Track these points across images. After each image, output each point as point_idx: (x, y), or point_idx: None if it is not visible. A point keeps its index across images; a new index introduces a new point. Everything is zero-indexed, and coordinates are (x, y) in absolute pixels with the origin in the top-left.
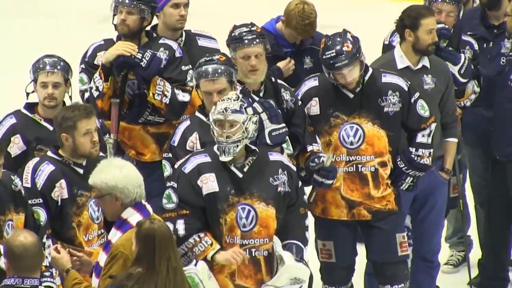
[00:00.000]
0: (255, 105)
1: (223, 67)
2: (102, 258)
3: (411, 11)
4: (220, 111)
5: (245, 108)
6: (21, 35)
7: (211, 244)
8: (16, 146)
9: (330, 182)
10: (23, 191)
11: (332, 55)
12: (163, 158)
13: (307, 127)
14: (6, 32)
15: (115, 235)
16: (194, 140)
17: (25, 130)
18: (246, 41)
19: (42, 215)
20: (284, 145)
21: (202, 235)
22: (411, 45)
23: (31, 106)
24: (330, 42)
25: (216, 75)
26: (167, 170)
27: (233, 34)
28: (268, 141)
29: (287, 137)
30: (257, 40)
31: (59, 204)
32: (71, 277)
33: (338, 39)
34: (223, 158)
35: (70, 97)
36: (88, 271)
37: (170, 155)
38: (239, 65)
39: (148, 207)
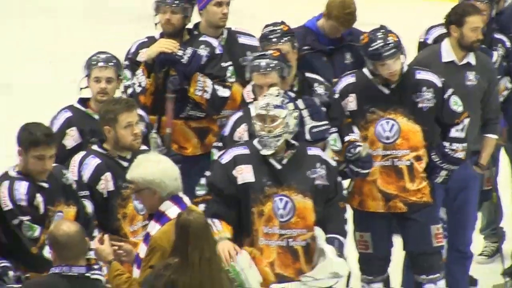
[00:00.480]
0: (298, 102)
1: (276, 62)
2: (142, 249)
3: (458, 8)
4: (263, 106)
5: (286, 104)
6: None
7: (219, 231)
8: (71, 138)
9: (365, 172)
10: (74, 185)
11: (379, 45)
12: (213, 146)
13: (344, 119)
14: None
15: (154, 228)
16: (242, 132)
17: (80, 123)
18: (273, 39)
19: (89, 207)
20: (331, 141)
21: (215, 220)
22: (456, 40)
23: (83, 101)
24: (373, 35)
25: (268, 69)
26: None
27: (262, 33)
28: (308, 137)
29: (336, 134)
30: (284, 39)
31: (105, 196)
32: (114, 268)
33: (382, 31)
34: (264, 152)
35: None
36: (131, 261)
37: (220, 144)
38: None
39: (186, 199)
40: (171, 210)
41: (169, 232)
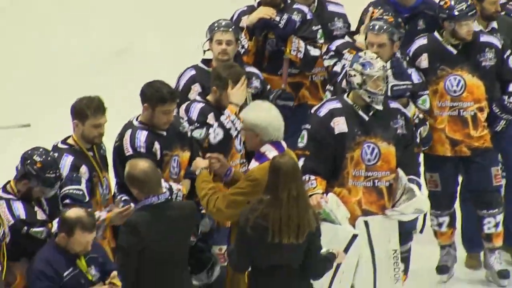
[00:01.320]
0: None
1: (387, 25)
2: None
3: None
4: (381, 68)
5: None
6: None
7: (314, 187)
8: (195, 93)
9: (425, 148)
10: (189, 133)
11: (463, 7)
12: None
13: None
14: None
15: (253, 165)
16: None
17: (203, 80)
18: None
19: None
20: (420, 101)
21: (312, 177)
22: (479, 13)
23: (206, 61)
24: (453, 0)
25: (381, 31)
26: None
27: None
28: (388, 93)
29: (426, 96)
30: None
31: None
32: (203, 175)
33: None
34: (377, 107)
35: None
36: (221, 173)
37: (332, 88)
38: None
39: (284, 144)
40: (270, 152)
41: (265, 169)
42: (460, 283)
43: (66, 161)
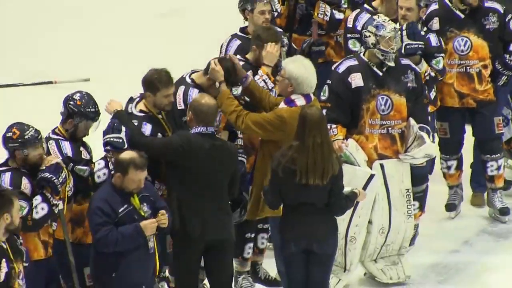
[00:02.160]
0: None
1: None
2: None
3: None
4: (392, 30)
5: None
6: None
7: (335, 134)
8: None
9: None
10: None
11: None
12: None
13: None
14: None
15: (282, 106)
16: None
17: (249, 48)
18: None
19: None
20: (434, 61)
21: (333, 125)
22: None
23: (242, 30)
24: None
25: None
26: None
27: None
28: (402, 51)
29: (441, 58)
30: None
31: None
32: (225, 93)
33: None
34: (390, 64)
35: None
36: (239, 77)
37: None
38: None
39: (312, 96)
40: (299, 101)
41: (292, 111)
42: (466, 219)
43: (146, 129)
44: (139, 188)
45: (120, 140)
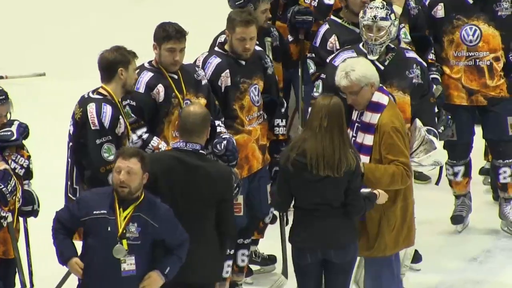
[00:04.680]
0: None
1: None
2: (366, 138)
3: None
4: (370, 18)
5: (389, 15)
6: None
7: None
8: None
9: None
10: (203, 82)
11: None
12: (307, 57)
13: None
14: None
15: (371, 118)
16: (333, 41)
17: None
18: None
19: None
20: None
21: None
22: None
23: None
24: None
25: None
26: (311, 68)
27: None
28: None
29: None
30: None
31: (223, 91)
32: (368, 167)
33: None
34: (371, 57)
35: None
36: None
37: (313, 55)
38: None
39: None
40: (382, 98)
41: (392, 112)
42: (475, 232)
43: (107, 110)
44: None
45: (9, 133)
